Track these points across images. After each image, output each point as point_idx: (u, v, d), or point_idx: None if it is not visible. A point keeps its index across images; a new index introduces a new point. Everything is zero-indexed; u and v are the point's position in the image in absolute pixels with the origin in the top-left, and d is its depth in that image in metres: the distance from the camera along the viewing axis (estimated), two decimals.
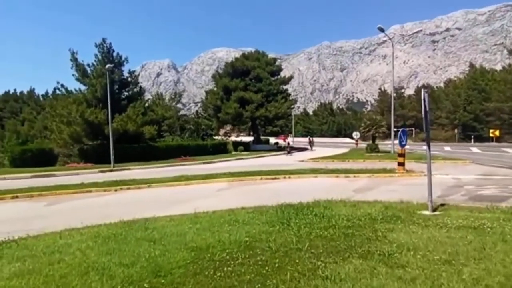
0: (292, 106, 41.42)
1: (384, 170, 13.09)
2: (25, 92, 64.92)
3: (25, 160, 20.51)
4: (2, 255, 4.07)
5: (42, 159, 21.13)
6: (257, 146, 39.93)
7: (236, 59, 39.90)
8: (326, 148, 41.55)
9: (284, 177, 12.46)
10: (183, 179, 11.78)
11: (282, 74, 42.63)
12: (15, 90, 61.09)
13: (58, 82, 23.66)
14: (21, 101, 61.78)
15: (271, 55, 43.26)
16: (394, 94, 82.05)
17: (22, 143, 31.29)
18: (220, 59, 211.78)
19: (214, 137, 39.87)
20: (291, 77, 41.09)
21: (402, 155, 12.96)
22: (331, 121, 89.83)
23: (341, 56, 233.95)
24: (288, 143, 34.90)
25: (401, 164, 12.88)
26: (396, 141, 30.97)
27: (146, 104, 28.30)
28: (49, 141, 25.15)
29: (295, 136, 72.26)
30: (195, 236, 4.49)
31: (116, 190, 10.33)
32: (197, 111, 45.78)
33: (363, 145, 43.51)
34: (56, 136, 22.25)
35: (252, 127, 44.14)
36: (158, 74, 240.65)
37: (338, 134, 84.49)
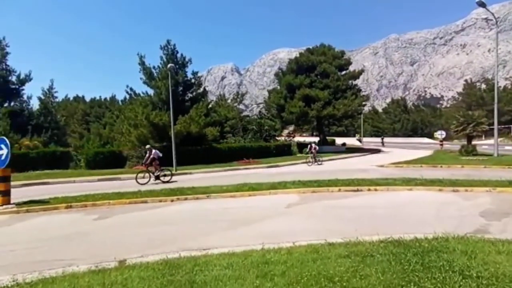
0: (364, 103, 37.56)
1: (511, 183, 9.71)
2: (108, 98, 71.23)
3: (98, 162, 21.30)
4: None
5: (113, 161, 21.75)
6: (324, 148, 37.03)
7: (301, 54, 37.64)
8: (402, 150, 36.80)
9: (369, 189, 10.00)
10: (246, 189, 10.15)
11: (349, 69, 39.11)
12: (100, 96, 67.53)
13: (127, 86, 24.44)
14: (104, 107, 68.02)
15: None
16: (484, 86, 70.97)
17: (104, 144, 33.52)
18: (281, 60, 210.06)
19: (277, 138, 38.17)
20: (361, 71, 37.41)
21: None
22: (405, 119, 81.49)
23: (411, 48, 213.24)
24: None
25: None
26: (501, 139, 25.49)
27: (209, 106, 27.86)
28: (122, 143, 26.09)
29: (364, 136, 67.07)
30: None
31: (172, 201, 9.12)
32: (259, 111, 44.65)
33: (447, 146, 37.63)
34: (125, 138, 22.82)
35: (317, 127, 41.38)
36: (223, 78, 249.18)
37: (414, 133, 76.20)
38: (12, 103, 29.07)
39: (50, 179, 15.08)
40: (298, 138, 47.34)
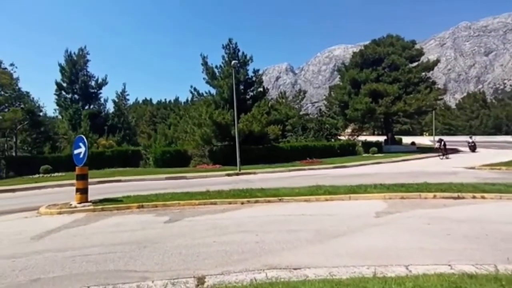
0: (440, 97, 33.60)
1: None
2: (172, 100, 75.43)
3: (165, 161, 22.02)
4: None
5: (179, 160, 22.31)
6: (392, 147, 33.97)
7: (366, 46, 35.04)
8: (487, 149, 31.99)
9: (474, 197, 8.20)
10: (322, 192, 9.06)
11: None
12: (165, 99, 72.14)
13: (191, 86, 24.97)
14: (168, 108, 72.25)
15: None
16: None
17: (169, 144, 35.17)
18: (337, 57, 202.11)
19: (339, 137, 36.08)
20: (437, 61, 33.45)
21: None
22: (484, 115, 71.87)
23: (485, 37, 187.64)
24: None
25: None
26: None
27: (270, 104, 27.23)
28: (187, 142, 26.83)
29: (435, 135, 60.56)
30: None
31: (242, 203, 8.47)
32: (320, 109, 42.82)
33: None
34: (190, 137, 23.28)
35: (384, 124, 38.20)
36: (277, 78, 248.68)
37: (496, 131, 66.80)
38: (91, 106, 31.89)
39: (122, 177, 15.73)
40: (359, 138, 44.30)
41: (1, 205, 10.16)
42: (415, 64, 33.60)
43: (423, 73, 33.11)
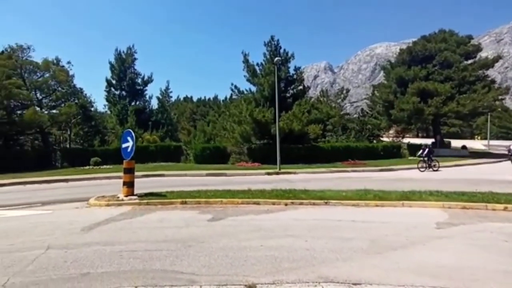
0: (501, 97, 30.61)
1: None
2: (211, 98, 77.12)
3: (205, 157, 22.30)
4: None
5: (218, 156, 22.48)
6: (441, 151, 31.48)
7: (414, 43, 32.93)
8: None
9: None
10: (371, 197, 8.43)
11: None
12: (204, 97, 73.94)
13: (232, 84, 25.02)
14: (208, 106, 73.94)
15: None
16: None
17: (207, 140, 35.80)
18: (378, 56, 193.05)
19: (381, 139, 34.30)
20: (498, 57, 30.48)
21: None
22: None
23: None
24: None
25: None
26: None
27: (311, 102, 26.52)
28: (226, 139, 27.06)
29: (490, 139, 55.56)
30: None
31: (286, 205, 8.12)
32: (362, 109, 41.09)
33: None
34: (229, 135, 23.38)
35: (433, 126, 35.69)
36: (315, 77, 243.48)
37: None
38: (137, 102, 33.41)
39: (165, 171, 16.11)
40: (403, 140, 41.75)
41: (56, 195, 10.80)
42: (470, 61, 30.93)
43: (480, 71, 30.35)
